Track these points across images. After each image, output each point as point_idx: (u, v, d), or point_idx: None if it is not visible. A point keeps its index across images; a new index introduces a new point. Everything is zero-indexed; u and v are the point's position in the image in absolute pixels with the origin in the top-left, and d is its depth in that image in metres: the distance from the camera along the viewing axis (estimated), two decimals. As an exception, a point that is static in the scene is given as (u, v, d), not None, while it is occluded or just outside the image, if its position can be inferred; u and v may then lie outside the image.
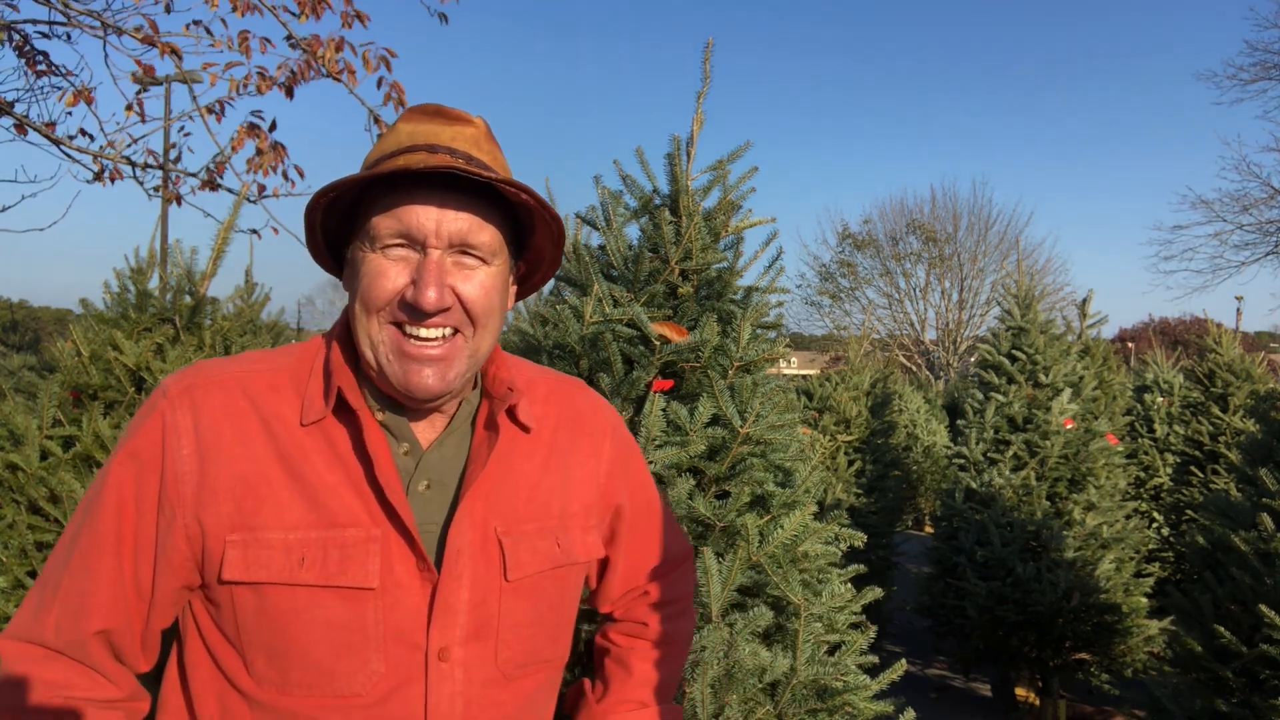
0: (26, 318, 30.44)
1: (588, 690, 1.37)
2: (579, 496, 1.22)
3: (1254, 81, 20.95)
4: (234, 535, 1.01)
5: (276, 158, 4.31)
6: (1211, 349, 8.14)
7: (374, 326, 1.05)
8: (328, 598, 1.02)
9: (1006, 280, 6.50)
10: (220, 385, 1.06)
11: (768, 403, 2.17)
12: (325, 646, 1.02)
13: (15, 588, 2.50)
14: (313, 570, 1.01)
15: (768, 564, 2.03)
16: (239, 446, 1.03)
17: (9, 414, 2.64)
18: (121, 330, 2.85)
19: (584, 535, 1.21)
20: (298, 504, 1.03)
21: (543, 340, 2.40)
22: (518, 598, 1.12)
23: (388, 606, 1.03)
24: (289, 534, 1.02)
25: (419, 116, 1.09)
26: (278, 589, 1.01)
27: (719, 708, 1.91)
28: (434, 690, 1.05)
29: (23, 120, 4.00)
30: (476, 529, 1.10)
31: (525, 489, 1.16)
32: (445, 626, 1.06)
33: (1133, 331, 30.69)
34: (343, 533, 1.03)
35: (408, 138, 1.06)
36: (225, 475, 1.02)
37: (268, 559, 1.01)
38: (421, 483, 1.09)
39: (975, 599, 5.40)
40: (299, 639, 1.02)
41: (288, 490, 1.03)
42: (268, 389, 1.07)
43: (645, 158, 2.47)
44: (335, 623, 1.02)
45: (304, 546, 1.02)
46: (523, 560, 1.12)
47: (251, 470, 1.03)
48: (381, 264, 1.04)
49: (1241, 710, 3.28)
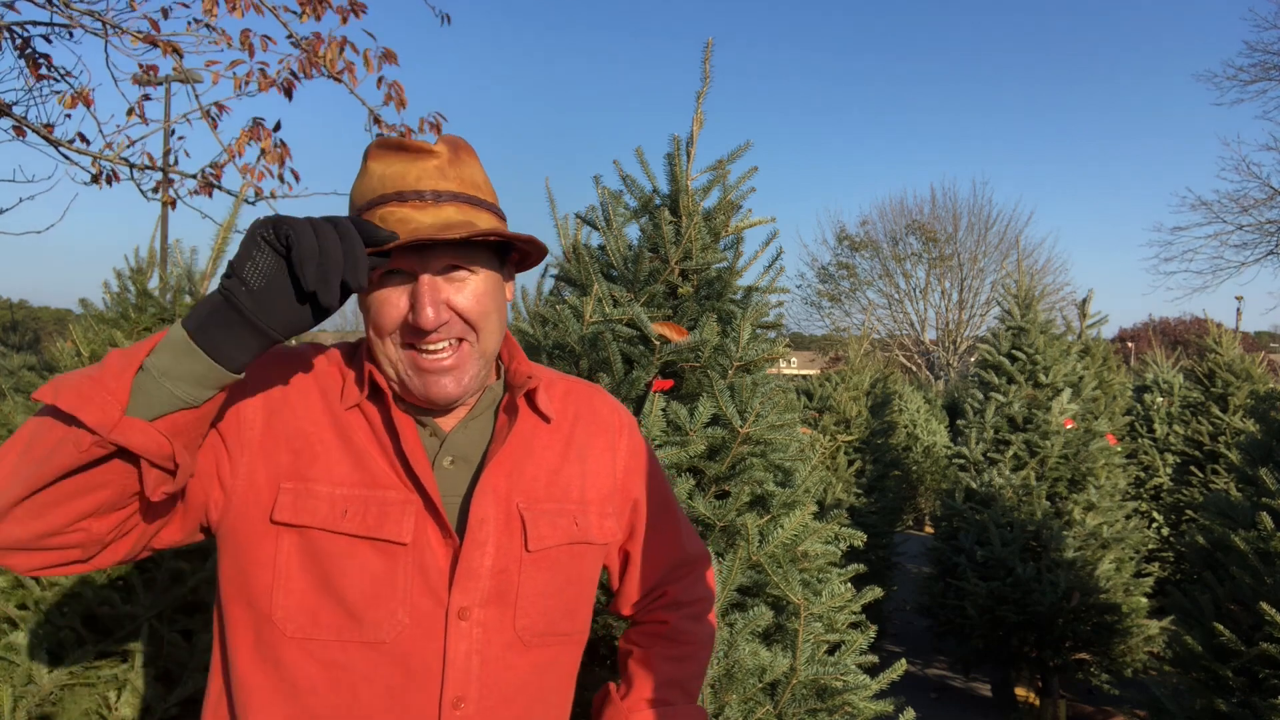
0: (26, 318, 30.41)
1: (612, 691, 1.42)
2: (596, 486, 1.30)
3: (1253, 82, 20.97)
4: (288, 483, 1.13)
5: (279, 157, 4.31)
6: (1211, 349, 8.15)
7: (389, 349, 1.17)
8: (365, 548, 1.13)
9: (1006, 280, 6.49)
10: (284, 356, 1.20)
11: (768, 403, 2.17)
12: (357, 593, 1.12)
13: (15, 587, 2.50)
14: (353, 521, 1.12)
15: (768, 564, 2.03)
16: (301, 407, 1.17)
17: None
18: (121, 330, 2.85)
19: (601, 520, 1.30)
20: (346, 464, 1.15)
21: (543, 340, 2.40)
22: (537, 569, 1.20)
23: (416, 562, 1.14)
24: (335, 488, 1.14)
25: (384, 154, 1.17)
26: (321, 534, 1.12)
27: (719, 707, 1.91)
28: (452, 645, 1.14)
29: (22, 121, 4.00)
30: (500, 503, 1.19)
31: (545, 474, 1.25)
32: (467, 589, 1.15)
33: (1133, 331, 30.71)
34: (383, 493, 1.15)
35: (379, 183, 1.16)
36: (287, 429, 1.15)
37: (314, 507, 1.12)
38: (446, 459, 1.21)
39: (975, 599, 5.40)
40: (335, 583, 1.12)
41: (339, 451, 1.16)
42: (322, 368, 1.21)
43: (645, 158, 2.47)
44: (368, 571, 1.12)
45: (347, 501, 1.13)
46: (543, 533, 1.21)
47: (310, 429, 1.16)
48: (384, 292, 1.15)
49: (1241, 710, 3.28)
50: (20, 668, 2.35)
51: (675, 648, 1.41)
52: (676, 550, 1.43)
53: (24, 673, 2.34)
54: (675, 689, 1.39)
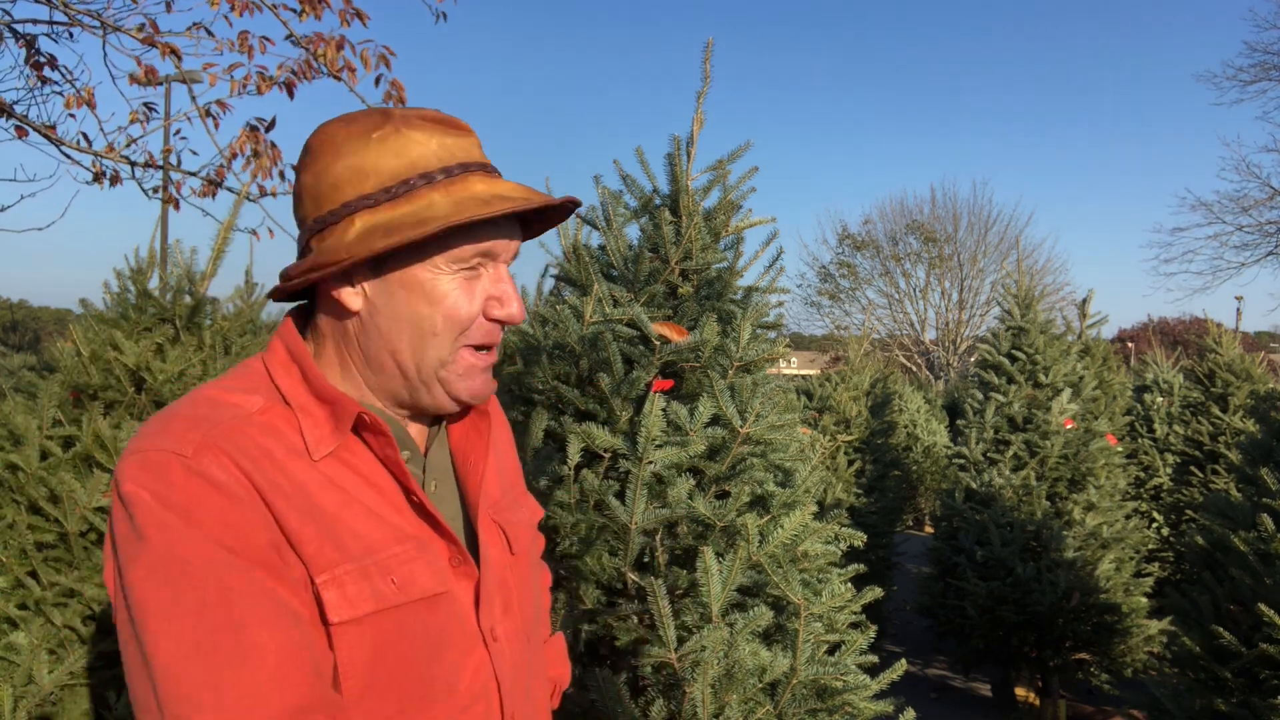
0: (26, 318, 30.43)
1: None
2: (511, 461, 1.32)
3: (1254, 82, 21.01)
4: (322, 576, 0.96)
5: (272, 160, 4.31)
6: (1211, 349, 8.14)
7: (446, 350, 1.04)
8: (418, 610, 1.02)
9: (1006, 280, 6.49)
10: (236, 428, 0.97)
11: (768, 403, 2.17)
12: (422, 656, 1.03)
13: (15, 587, 2.50)
14: (405, 588, 1.01)
15: (768, 564, 2.03)
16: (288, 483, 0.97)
17: (9, 414, 2.64)
18: (121, 330, 2.85)
19: (528, 495, 1.34)
20: (362, 528, 1.01)
21: (543, 340, 2.40)
22: (521, 567, 1.22)
23: (453, 603, 1.08)
24: (366, 560, 0.99)
25: (432, 126, 1.05)
26: (381, 615, 0.99)
27: (719, 707, 1.91)
28: (497, 667, 1.12)
29: (24, 121, 4.00)
30: (486, 516, 1.17)
31: (492, 471, 1.22)
32: (489, 612, 1.13)
33: (1133, 331, 30.69)
34: (409, 546, 1.03)
35: (444, 151, 1.03)
36: (289, 515, 0.96)
37: (362, 591, 0.98)
38: (431, 484, 1.14)
39: (975, 599, 5.40)
40: (404, 657, 1.01)
41: (349, 517, 1.00)
42: (280, 423, 1.01)
43: (645, 158, 2.47)
44: (429, 632, 1.04)
45: (388, 568, 1.00)
46: (519, 534, 1.22)
47: (308, 505, 0.98)
48: (449, 282, 1.03)
49: (1241, 710, 3.28)
50: (20, 668, 2.35)
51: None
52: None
53: (24, 673, 2.34)
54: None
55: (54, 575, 2.49)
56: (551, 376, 2.31)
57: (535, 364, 2.36)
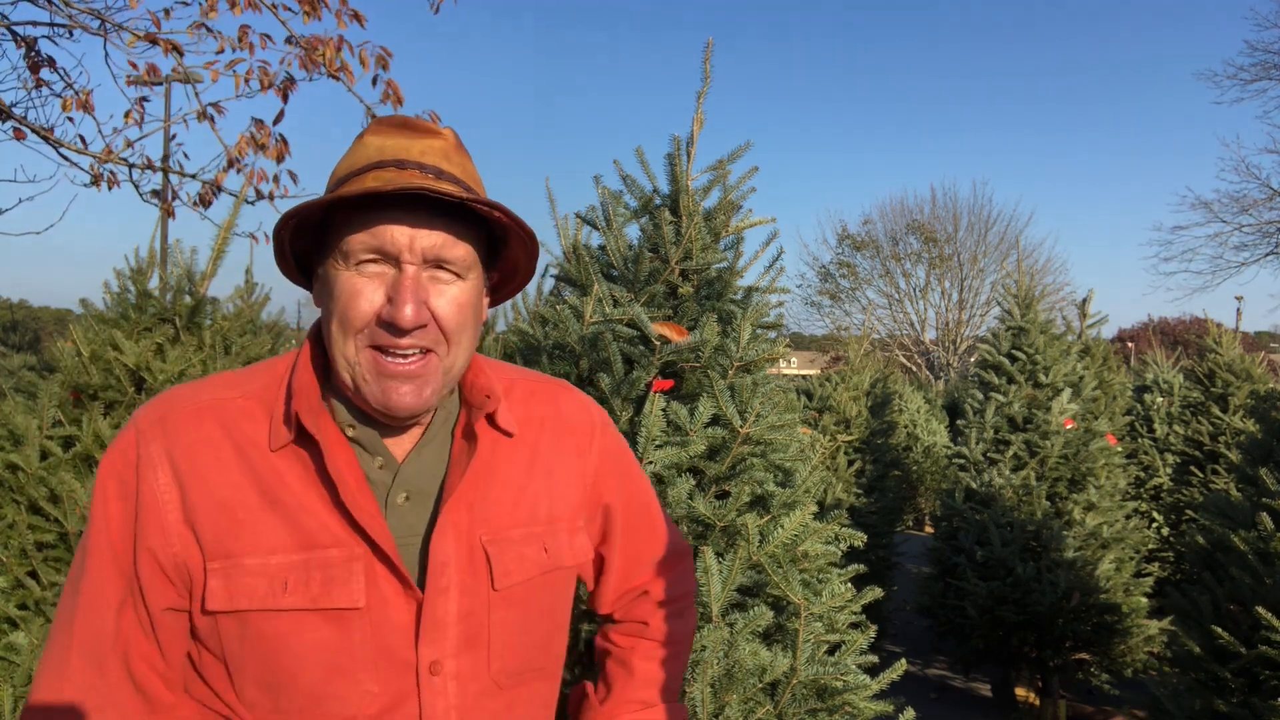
0: (26, 318, 30.44)
1: (590, 692, 1.35)
2: (565, 498, 1.20)
3: (1254, 81, 21.01)
4: (214, 564, 0.99)
5: (278, 153, 4.31)
6: (1211, 349, 8.14)
7: (350, 349, 1.03)
8: (314, 620, 1.00)
9: (1006, 280, 6.49)
10: (193, 414, 1.04)
11: (768, 403, 2.17)
12: (315, 670, 1.00)
13: (15, 587, 2.50)
14: (296, 594, 0.99)
15: (768, 564, 2.03)
16: (216, 474, 1.02)
17: (9, 414, 2.64)
18: (121, 330, 2.85)
19: (571, 538, 1.20)
20: (277, 528, 1.01)
21: (543, 340, 2.40)
22: (507, 607, 1.11)
23: (375, 624, 1.02)
24: (269, 559, 1.00)
25: (386, 129, 1.07)
26: (261, 615, 0.99)
27: (719, 707, 1.91)
28: (428, 705, 1.04)
29: (22, 122, 4.00)
30: (461, 539, 1.08)
31: (510, 494, 1.14)
32: (434, 640, 1.05)
33: (1133, 331, 30.68)
34: (325, 553, 1.01)
35: (376, 152, 1.04)
36: (203, 503, 1.01)
37: (250, 586, 0.99)
38: (400, 495, 1.08)
39: (975, 599, 5.40)
40: (287, 665, 1.00)
41: (266, 515, 1.01)
42: (240, 415, 1.05)
43: (645, 158, 2.47)
44: (323, 645, 1.00)
45: (286, 571, 1.00)
46: (510, 569, 1.11)
47: (229, 496, 1.01)
48: (356, 282, 1.02)
49: (1241, 710, 3.28)
50: (20, 668, 2.35)
51: (656, 648, 1.34)
52: (656, 549, 1.35)
53: (24, 673, 2.34)
54: (655, 689, 1.32)
55: (54, 575, 2.49)
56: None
57: (535, 364, 2.36)
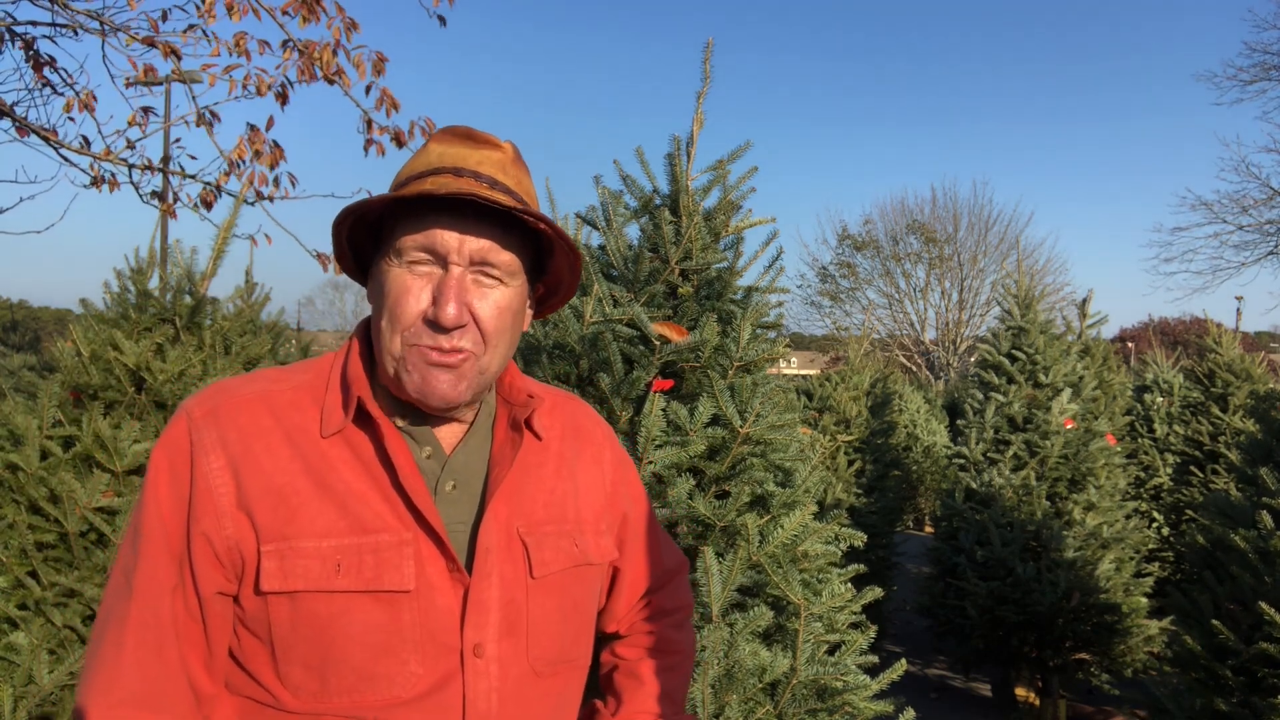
0: (26, 318, 30.43)
1: (600, 708, 1.38)
2: (589, 503, 1.26)
3: (1253, 82, 20.99)
4: (269, 546, 1.04)
5: (272, 159, 4.32)
6: (1211, 349, 8.14)
7: (396, 344, 1.08)
8: (365, 602, 1.04)
9: (1006, 280, 6.49)
10: (244, 403, 1.10)
11: (768, 403, 2.17)
12: (364, 650, 1.04)
13: (15, 587, 2.50)
14: (349, 576, 1.04)
15: (768, 564, 2.03)
16: (268, 460, 1.07)
17: (9, 414, 2.64)
18: (121, 330, 2.85)
19: (597, 539, 1.25)
20: (329, 512, 1.06)
21: (543, 340, 2.40)
22: (544, 594, 1.16)
23: (423, 608, 1.06)
24: (322, 542, 1.04)
25: (449, 138, 1.14)
26: (315, 596, 1.03)
27: (719, 707, 1.91)
28: (470, 686, 1.08)
29: (23, 123, 4.00)
30: (501, 529, 1.14)
31: (543, 494, 1.20)
32: (478, 624, 1.09)
33: (1133, 331, 30.68)
34: (375, 538, 1.06)
35: (437, 159, 1.11)
36: (257, 488, 1.05)
37: (304, 568, 1.03)
38: (448, 484, 1.13)
39: (975, 599, 5.40)
40: (338, 645, 1.04)
41: (318, 500, 1.06)
42: (289, 405, 1.11)
43: (645, 158, 2.47)
44: (373, 626, 1.04)
45: (339, 554, 1.04)
46: (546, 558, 1.16)
47: (282, 482, 1.06)
48: (406, 279, 1.08)
49: (1241, 709, 3.28)
50: (20, 668, 2.35)
51: (662, 658, 1.38)
52: (659, 562, 1.40)
53: (24, 673, 2.34)
54: (665, 701, 1.36)
55: (54, 575, 2.49)
56: (551, 376, 2.31)
57: (535, 364, 2.36)
